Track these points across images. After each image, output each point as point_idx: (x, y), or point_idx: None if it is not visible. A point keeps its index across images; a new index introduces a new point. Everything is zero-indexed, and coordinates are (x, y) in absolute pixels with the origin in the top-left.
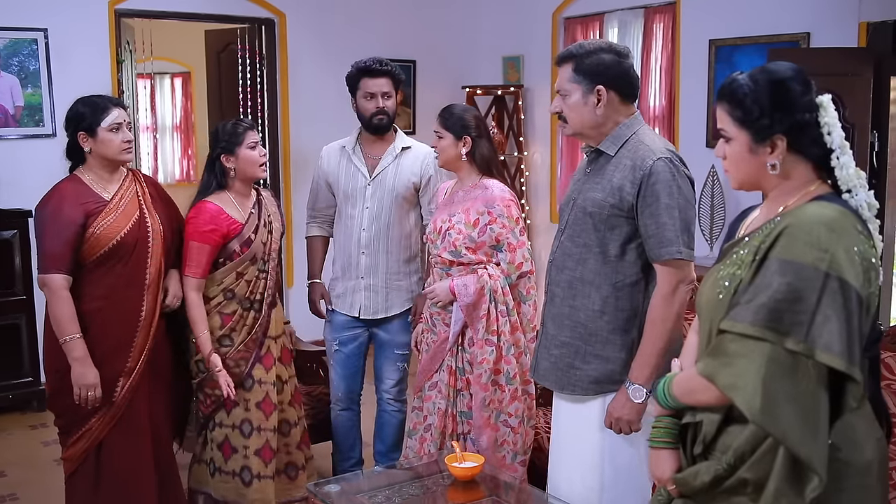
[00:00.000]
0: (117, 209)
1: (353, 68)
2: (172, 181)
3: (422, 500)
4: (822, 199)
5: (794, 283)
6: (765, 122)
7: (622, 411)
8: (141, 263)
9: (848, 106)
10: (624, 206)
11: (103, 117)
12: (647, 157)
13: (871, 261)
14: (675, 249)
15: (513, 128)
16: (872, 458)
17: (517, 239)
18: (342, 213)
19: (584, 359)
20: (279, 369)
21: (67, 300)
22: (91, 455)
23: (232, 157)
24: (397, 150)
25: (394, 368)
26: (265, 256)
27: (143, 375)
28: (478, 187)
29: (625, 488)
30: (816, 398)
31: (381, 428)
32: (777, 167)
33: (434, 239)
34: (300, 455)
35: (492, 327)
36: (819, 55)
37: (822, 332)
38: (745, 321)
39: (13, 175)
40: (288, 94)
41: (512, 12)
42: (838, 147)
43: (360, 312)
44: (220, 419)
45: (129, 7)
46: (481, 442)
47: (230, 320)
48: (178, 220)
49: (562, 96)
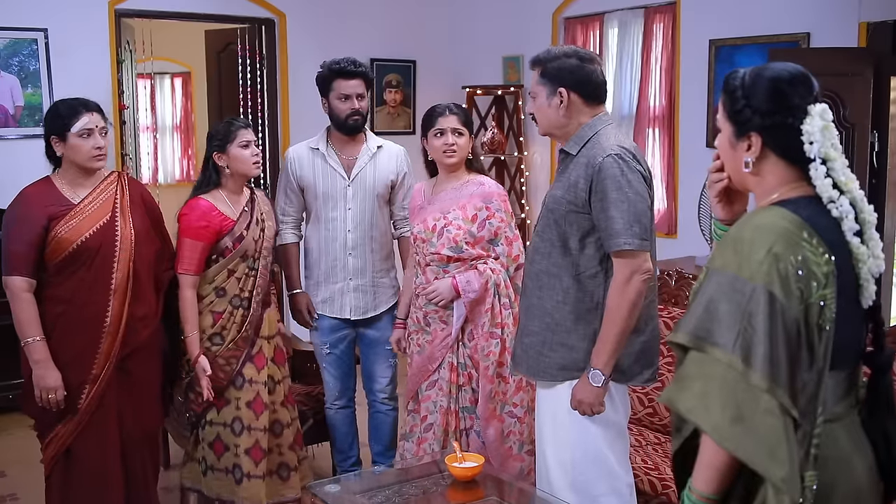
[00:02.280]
0: (83, 212)
1: (325, 69)
2: (172, 181)
3: (422, 500)
4: (779, 204)
5: (724, 293)
6: (744, 117)
7: (583, 395)
8: (106, 268)
9: (848, 106)
10: (578, 202)
11: (73, 122)
12: (597, 155)
13: (812, 269)
14: (623, 241)
15: (513, 128)
16: (863, 488)
17: (513, 232)
18: (320, 216)
19: (552, 347)
20: (272, 370)
21: (28, 302)
22: (61, 460)
23: (224, 154)
24: (373, 150)
25: (386, 366)
26: (255, 254)
27: (111, 382)
28: (471, 184)
29: (593, 468)
30: (774, 417)
31: (376, 429)
32: (750, 165)
33: (427, 237)
34: (292, 456)
35: (496, 320)
36: (819, 55)
37: (747, 344)
38: (681, 330)
39: (13, 175)
40: (288, 94)
41: (512, 12)
42: (819, 158)
43: (350, 314)
44: (210, 417)
45: (129, 7)
46: (488, 434)
47: (220, 318)
48: (159, 226)
49: (532, 98)
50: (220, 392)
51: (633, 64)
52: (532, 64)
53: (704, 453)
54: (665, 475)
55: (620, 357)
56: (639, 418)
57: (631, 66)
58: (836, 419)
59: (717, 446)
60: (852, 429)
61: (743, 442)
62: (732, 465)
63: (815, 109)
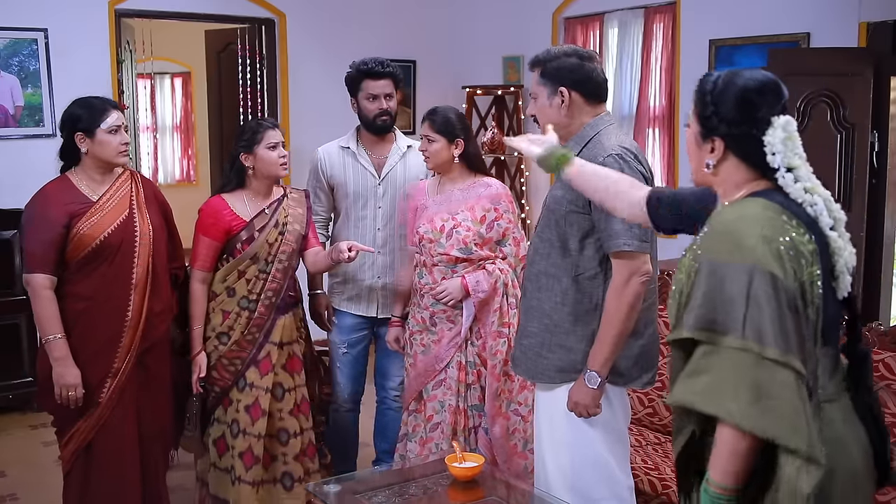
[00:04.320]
0: (103, 209)
1: (354, 70)
2: (172, 181)
3: (422, 500)
4: (753, 195)
5: (722, 282)
6: (711, 123)
7: (579, 396)
8: (127, 264)
9: (848, 106)
10: (579, 202)
11: (103, 119)
12: (598, 155)
13: (800, 249)
14: (623, 242)
15: (513, 128)
16: (859, 471)
17: (520, 233)
18: (350, 215)
19: (550, 349)
20: (282, 377)
21: (49, 300)
22: (81, 456)
23: (250, 155)
24: (403, 149)
25: (399, 365)
26: (269, 257)
27: (131, 377)
28: (478, 185)
29: (591, 471)
30: (790, 389)
31: (384, 427)
32: (710, 167)
33: (435, 238)
34: (298, 466)
35: (503, 319)
36: (819, 55)
37: (756, 324)
38: (685, 327)
39: (13, 175)
40: (288, 94)
41: (512, 12)
42: (783, 167)
43: (378, 311)
44: (219, 415)
45: (129, 7)
46: (494, 431)
47: (228, 317)
48: (170, 224)
49: (532, 99)
50: (226, 392)
51: (633, 64)
52: (532, 65)
53: (724, 444)
54: (665, 475)
55: (618, 360)
56: (639, 418)
57: (631, 66)
58: (830, 400)
59: (738, 433)
60: (846, 411)
61: (764, 420)
62: (753, 451)
63: (778, 122)
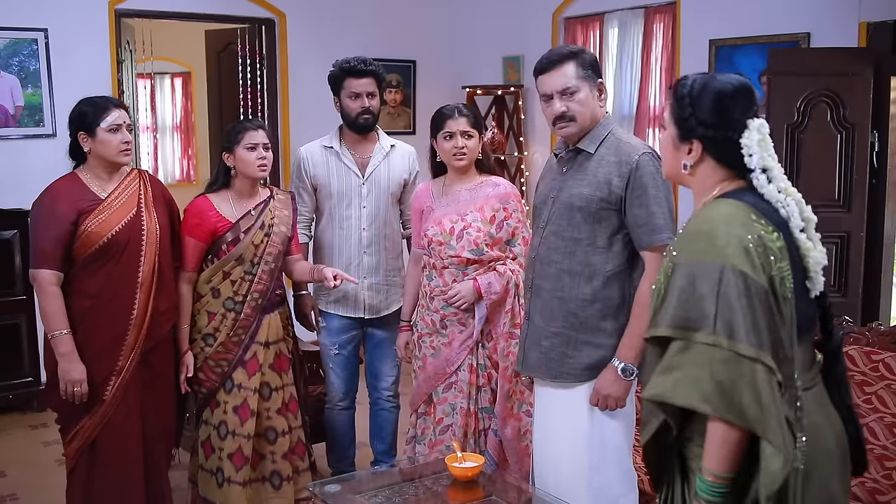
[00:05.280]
0: (111, 207)
1: (337, 68)
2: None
3: (422, 501)
4: (724, 196)
5: (694, 281)
6: (689, 125)
7: (611, 388)
8: (133, 262)
9: (848, 106)
10: (612, 199)
11: (103, 118)
12: (632, 153)
13: (768, 245)
14: (667, 235)
15: (513, 128)
16: (834, 457)
17: (528, 232)
18: (334, 215)
19: (576, 347)
20: (269, 376)
21: (55, 296)
22: (85, 454)
23: (231, 155)
24: (386, 149)
25: (392, 365)
26: (255, 259)
27: (135, 375)
28: (486, 185)
29: (614, 469)
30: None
31: (379, 428)
32: (688, 168)
33: (445, 240)
34: (286, 465)
35: (515, 321)
36: (819, 55)
37: (726, 320)
38: (661, 324)
39: (13, 175)
40: (288, 94)
41: (512, 12)
42: (759, 168)
43: (364, 312)
44: (206, 417)
45: (129, 7)
46: (506, 433)
47: (214, 319)
48: (176, 224)
49: (569, 94)
50: (213, 393)
51: (633, 64)
52: (563, 58)
53: (714, 434)
54: None
55: None
56: (638, 418)
57: (631, 66)
58: (806, 388)
59: (725, 423)
60: (822, 400)
61: (736, 409)
62: (740, 440)
63: (753, 124)
